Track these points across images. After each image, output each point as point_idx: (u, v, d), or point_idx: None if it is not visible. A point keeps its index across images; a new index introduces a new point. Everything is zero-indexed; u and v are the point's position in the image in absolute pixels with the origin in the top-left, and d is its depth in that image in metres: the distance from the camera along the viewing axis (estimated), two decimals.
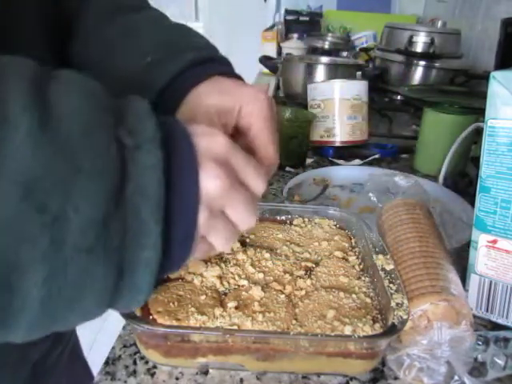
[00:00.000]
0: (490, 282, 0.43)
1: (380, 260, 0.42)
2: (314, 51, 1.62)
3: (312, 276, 0.43)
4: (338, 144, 0.86)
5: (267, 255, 0.44)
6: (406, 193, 0.52)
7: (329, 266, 0.44)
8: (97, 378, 0.37)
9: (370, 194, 0.55)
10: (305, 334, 0.35)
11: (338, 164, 0.84)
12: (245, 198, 0.28)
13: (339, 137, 0.85)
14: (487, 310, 0.43)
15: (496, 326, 0.43)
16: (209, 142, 0.27)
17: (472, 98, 0.92)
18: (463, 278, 0.44)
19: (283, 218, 0.52)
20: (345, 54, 1.62)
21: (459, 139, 0.72)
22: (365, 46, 1.74)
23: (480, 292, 0.44)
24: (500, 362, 0.37)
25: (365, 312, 0.38)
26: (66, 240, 0.20)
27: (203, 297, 0.38)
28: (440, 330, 0.36)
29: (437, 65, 1.29)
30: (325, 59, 1.29)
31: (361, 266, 0.45)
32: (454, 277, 0.40)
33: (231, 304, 0.37)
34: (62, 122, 0.21)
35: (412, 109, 1.20)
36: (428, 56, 1.30)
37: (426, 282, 0.38)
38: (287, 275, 0.42)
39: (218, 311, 0.37)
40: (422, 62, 1.30)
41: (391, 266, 0.41)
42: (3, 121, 0.19)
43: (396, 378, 0.38)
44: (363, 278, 0.43)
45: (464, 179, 0.72)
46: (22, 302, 0.20)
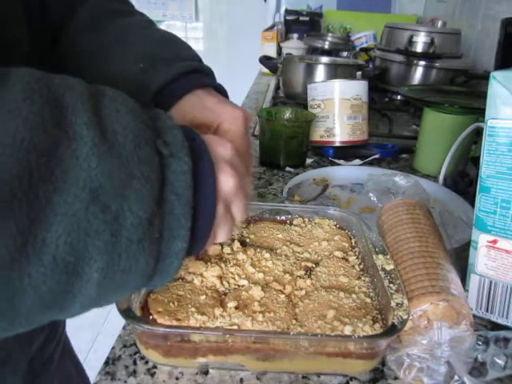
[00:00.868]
0: (490, 282, 0.43)
1: (380, 260, 0.42)
2: (314, 51, 1.62)
3: (312, 276, 0.43)
4: (337, 144, 0.86)
5: (267, 255, 0.44)
6: (405, 193, 0.52)
7: (329, 266, 0.44)
8: (97, 377, 0.37)
9: (370, 194, 0.55)
10: (305, 334, 0.35)
11: (338, 164, 0.84)
12: (245, 196, 0.34)
13: (339, 137, 0.85)
14: (487, 310, 0.43)
15: (496, 326, 0.43)
16: (222, 148, 0.32)
17: (472, 98, 0.92)
18: (463, 278, 0.44)
19: (283, 218, 0.52)
20: (345, 54, 1.62)
21: (459, 139, 0.72)
22: (365, 45, 1.74)
23: (480, 292, 0.44)
24: (500, 361, 0.37)
25: (365, 312, 0.38)
26: (122, 234, 0.24)
27: (203, 297, 0.38)
28: (440, 329, 0.36)
29: (437, 65, 1.29)
30: (325, 59, 1.29)
31: (361, 266, 0.45)
32: (453, 277, 0.40)
33: (231, 304, 0.37)
34: (116, 136, 0.25)
35: (412, 109, 1.20)
36: (428, 56, 1.30)
37: (425, 282, 0.38)
38: (287, 275, 0.42)
39: (217, 311, 0.37)
40: (422, 62, 1.30)
41: (391, 266, 0.41)
42: (72, 137, 0.23)
43: (396, 378, 0.38)
44: (363, 278, 0.43)
45: (464, 179, 0.72)
46: (83, 285, 0.24)
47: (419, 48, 1.33)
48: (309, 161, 0.85)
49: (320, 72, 1.17)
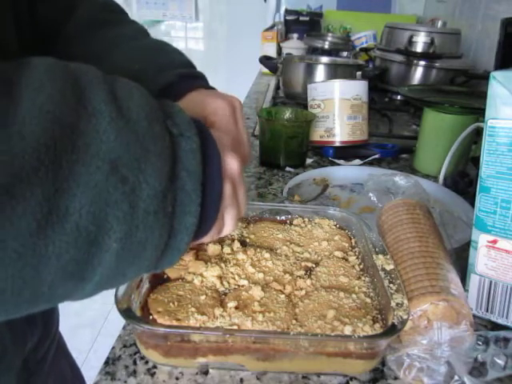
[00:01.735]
0: (490, 282, 0.43)
1: (380, 260, 0.42)
2: (314, 51, 1.62)
3: (312, 276, 0.43)
4: (337, 144, 0.86)
5: (267, 255, 0.44)
6: (405, 193, 0.52)
7: (329, 266, 0.44)
8: (97, 377, 0.37)
9: (370, 194, 0.55)
10: (305, 334, 0.35)
11: (338, 164, 0.84)
12: (244, 184, 0.35)
13: (339, 137, 0.85)
14: (487, 310, 0.43)
15: (496, 326, 0.43)
16: (222, 135, 0.34)
17: (472, 98, 0.92)
18: (463, 278, 0.44)
19: (283, 218, 0.52)
20: (345, 54, 1.62)
21: (459, 139, 0.72)
22: (365, 45, 1.74)
23: (480, 292, 0.44)
24: (500, 361, 0.37)
25: (365, 312, 0.38)
26: (139, 205, 0.25)
27: (203, 297, 0.38)
28: (440, 329, 0.36)
29: (437, 65, 1.29)
30: (325, 59, 1.29)
31: (361, 266, 0.45)
32: (453, 277, 0.40)
33: (231, 304, 0.37)
34: (131, 113, 0.26)
35: (412, 109, 1.20)
36: (428, 56, 1.30)
37: (425, 282, 0.38)
38: (287, 275, 0.42)
39: (217, 311, 0.37)
40: (422, 62, 1.30)
41: (391, 266, 0.41)
42: (92, 112, 0.24)
43: (396, 378, 0.38)
44: (363, 278, 0.43)
45: (464, 179, 0.72)
46: (103, 255, 0.24)
47: (419, 48, 1.33)
48: (309, 161, 0.85)
49: (320, 72, 1.17)
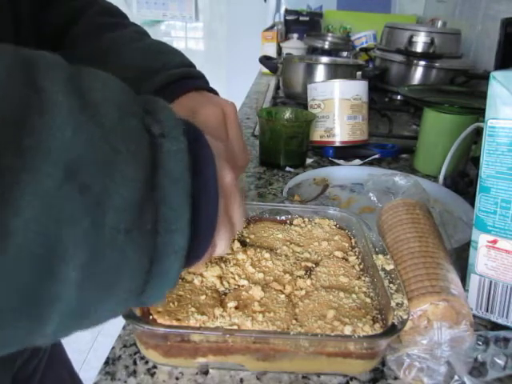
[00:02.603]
0: (490, 282, 0.43)
1: (380, 260, 0.42)
2: (314, 51, 1.62)
3: (312, 276, 0.43)
4: (337, 144, 0.86)
5: (267, 255, 0.44)
6: (405, 193, 0.52)
7: (329, 266, 0.44)
8: (97, 378, 0.37)
9: (370, 194, 0.55)
10: (305, 334, 0.35)
11: (338, 164, 0.84)
12: (241, 200, 0.30)
13: (339, 137, 0.85)
14: (487, 310, 0.43)
15: (496, 326, 0.43)
16: (216, 143, 0.29)
17: (472, 98, 0.92)
18: (463, 278, 0.44)
19: (283, 218, 0.52)
20: (345, 54, 1.62)
21: (459, 139, 0.72)
22: (365, 45, 1.74)
23: (480, 292, 0.44)
24: (500, 361, 0.37)
25: (365, 312, 0.38)
26: (106, 221, 0.20)
27: (203, 297, 0.38)
28: (440, 329, 0.36)
29: (437, 65, 1.29)
30: (325, 59, 1.29)
31: (361, 266, 0.45)
32: (453, 277, 0.40)
33: (231, 304, 0.37)
34: (98, 107, 0.21)
35: (412, 109, 1.20)
36: (428, 56, 1.30)
37: (425, 282, 0.38)
38: (287, 275, 0.42)
39: (217, 311, 0.37)
40: (422, 62, 1.30)
41: (391, 266, 0.41)
42: (45, 105, 0.19)
43: (396, 378, 0.38)
44: (363, 278, 0.43)
45: (464, 179, 0.72)
46: (60, 288, 0.19)
47: (419, 48, 1.33)
48: (309, 161, 0.85)
49: (320, 72, 1.17)
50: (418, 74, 1.30)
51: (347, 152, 0.86)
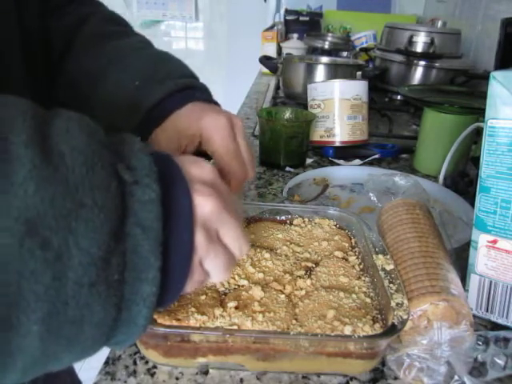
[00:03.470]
0: (490, 282, 0.43)
1: (380, 260, 0.42)
2: (314, 51, 1.62)
3: (312, 276, 0.43)
4: (338, 144, 0.86)
5: (267, 255, 0.44)
6: (405, 193, 0.52)
7: (329, 266, 0.44)
8: (97, 378, 0.37)
9: (370, 194, 0.55)
10: (305, 334, 0.35)
11: (338, 164, 0.84)
12: (237, 223, 0.29)
13: (339, 137, 0.85)
14: (487, 310, 0.43)
15: (496, 326, 0.43)
16: (198, 169, 0.28)
17: (472, 98, 0.92)
18: (463, 278, 0.44)
19: (283, 218, 0.52)
20: (345, 54, 1.62)
21: (459, 139, 0.72)
22: (365, 45, 1.74)
23: (480, 292, 0.44)
24: (500, 362, 0.37)
25: (365, 312, 0.38)
26: (68, 276, 0.20)
27: (203, 297, 0.38)
28: (440, 329, 0.36)
29: (437, 65, 1.29)
30: (325, 59, 1.29)
31: (361, 266, 0.45)
32: (453, 277, 0.40)
33: (231, 304, 0.37)
34: (64, 158, 0.21)
35: (412, 109, 1.20)
36: (428, 56, 1.30)
37: (425, 282, 0.38)
38: (287, 275, 0.42)
39: (217, 311, 0.37)
40: (422, 62, 1.30)
41: (391, 266, 0.41)
42: (6, 157, 0.19)
43: (396, 378, 0.38)
44: (363, 278, 0.43)
45: (464, 179, 0.72)
46: (21, 340, 0.20)
47: (419, 48, 1.33)
48: (309, 161, 0.85)
49: (320, 72, 1.17)
50: (418, 74, 1.30)
51: (347, 152, 0.86)
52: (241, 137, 0.42)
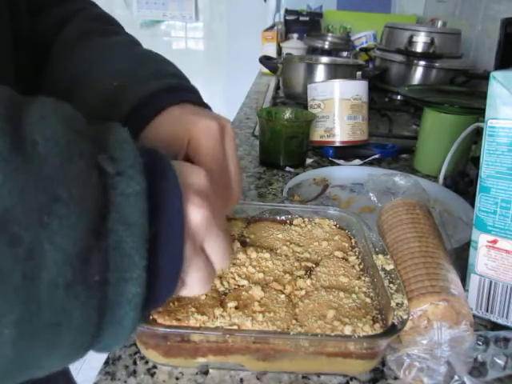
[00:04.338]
0: (490, 282, 0.43)
1: (380, 260, 0.42)
2: (314, 51, 1.62)
3: (312, 276, 0.43)
4: (338, 144, 0.86)
5: (267, 255, 0.44)
6: (405, 193, 0.52)
7: (329, 266, 0.44)
8: (97, 378, 0.37)
9: (370, 194, 0.55)
10: (305, 334, 0.35)
11: (338, 164, 0.84)
12: (224, 237, 0.28)
13: (339, 137, 0.85)
14: (487, 310, 0.43)
15: (496, 326, 0.43)
16: (191, 175, 0.27)
17: (472, 98, 0.92)
18: (463, 278, 0.44)
19: (283, 218, 0.52)
20: (345, 54, 1.62)
21: (459, 139, 0.72)
22: (365, 45, 1.74)
23: (480, 292, 0.44)
24: (500, 361, 0.37)
25: (365, 312, 0.38)
26: (40, 275, 0.19)
27: (203, 297, 0.38)
28: (440, 329, 0.36)
29: (437, 65, 1.29)
30: (325, 59, 1.29)
31: (361, 266, 0.45)
32: (453, 277, 0.40)
33: (231, 304, 0.37)
34: (36, 149, 0.19)
35: (412, 109, 1.20)
36: (428, 56, 1.30)
37: (425, 282, 0.38)
38: (287, 275, 0.42)
39: (217, 311, 0.37)
40: (422, 62, 1.30)
41: (391, 266, 0.41)
42: None
43: (396, 378, 0.38)
44: (363, 278, 0.43)
45: (464, 179, 0.72)
46: None
47: (419, 48, 1.33)
48: (309, 161, 0.85)
49: (320, 72, 1.17)
50: (418, 74, 1.31)
51: (347, 152, 0.86)
52: (230, 148, 0.38)
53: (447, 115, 0.79)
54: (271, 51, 1.68)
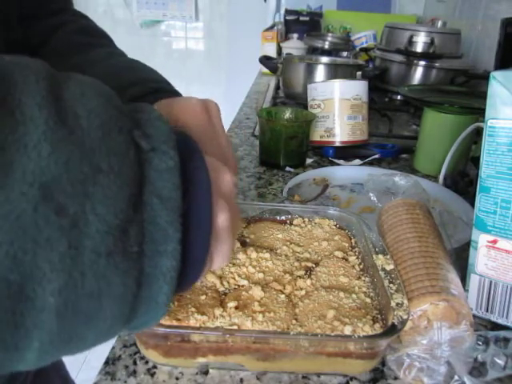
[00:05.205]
0: (490, 282, 0.43)
1: (380, 260, 0.42)
2: (314, 51, 1.62)
3: (312, 276, 0.43)
4: (338, 144, 0.86)
5: (267, 255, 0.44)
6: (405, 193, 0.52)
7: (329, 266, 0.44)
8: (97, 378, 0.37)
9: (370, 194, 0.55)
10: (305, 334, 0.35)
11: (338, 164, 0.84)
12: (232, 245, 0.29)
13: (339, 137, 0.85)
14: (487, 310, 0.43)
15: (496, 326, 0.43)
16: (219, 178, 0.28)
17: (472, 98, 0.92)
18: (463, 278, 0.44)
19: (283, 218, 0.52)
20: (345, 54, 1.62)
21: (459, 139, 0.72)
22: (365, 45, 1.74)
23: (480, 292, 0.44)
24: (500, 361, 0.37)
25: (365, 312, 0.38)
26: (84, 244, 0.19)
27: (203, 297, 0.38)
28: (440, 329, 0.36)
29: (437, 65, 1.29)
30: (325, 59, 1.29)
31: (361, 266, 0.45)
32: (453, 277, 0.40)
33: (231, 304, 0.37)
34: (79, 121, 0.20)
35: (412, 109, 1.20)
36: (428, 56, 1.30)
37: (425, 282, 0.38)
38: (287, 275, 0.42)
39: (217, 311, 0.37)
40: (422, 62, 1.30)
41: (391, 266, 0.41)
42: (19, 119, 0.18)
43: (396, 378, 0.38)
44: (363, 278, 0.43)
45: (464, 179, 0.72)
46: (37, 315, 0.18)
47: (419, 48, 1.33)
48: (309, 161, 0.85)
49: (320, 72, 1.17)
50: (418, 74, 1.31)
51: (347, 152, 0.86)
52: (216, 121, 0.39)
53: (447, 115, 0.79)
54: (271, 51, 1.68)
